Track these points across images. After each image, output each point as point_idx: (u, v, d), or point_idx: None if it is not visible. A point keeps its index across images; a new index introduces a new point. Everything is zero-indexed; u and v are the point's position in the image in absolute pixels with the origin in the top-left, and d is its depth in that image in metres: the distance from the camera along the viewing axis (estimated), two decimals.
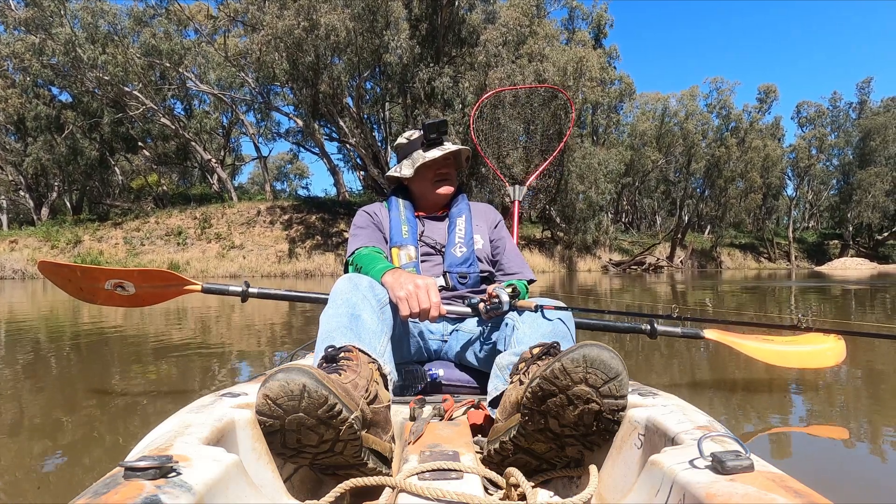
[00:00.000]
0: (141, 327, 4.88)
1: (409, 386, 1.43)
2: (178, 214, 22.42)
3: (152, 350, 3.62)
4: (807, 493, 0.65)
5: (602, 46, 33.08)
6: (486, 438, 1.14)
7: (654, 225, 46.29)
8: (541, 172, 3.68)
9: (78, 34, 20.55)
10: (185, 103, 29.67)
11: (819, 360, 2.38)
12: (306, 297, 2.11)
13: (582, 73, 20.15)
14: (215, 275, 18.60)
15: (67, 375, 2.87)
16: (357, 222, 1.72)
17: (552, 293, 9.48)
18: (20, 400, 2.32)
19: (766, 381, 2.64)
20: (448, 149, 1.68)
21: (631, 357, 3.24)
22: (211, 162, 27.13)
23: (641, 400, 1.06)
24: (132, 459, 0.69)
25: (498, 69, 17.79)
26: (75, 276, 2.30)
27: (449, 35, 20.38)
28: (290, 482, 1.00)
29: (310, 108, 20.45)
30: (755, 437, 1.80)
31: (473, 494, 0.83)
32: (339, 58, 19.16)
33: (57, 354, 3.52)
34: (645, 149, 33.39)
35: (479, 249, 1.69)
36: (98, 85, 22.40)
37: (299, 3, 17.12)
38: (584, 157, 23.62)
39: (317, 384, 0.86)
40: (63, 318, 5.48)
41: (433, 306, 1.26)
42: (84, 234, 20.75)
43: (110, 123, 25.04)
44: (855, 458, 1.64)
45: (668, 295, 9.29)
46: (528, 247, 25.60)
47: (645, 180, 37.37)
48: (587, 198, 24.42)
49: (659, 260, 27.23)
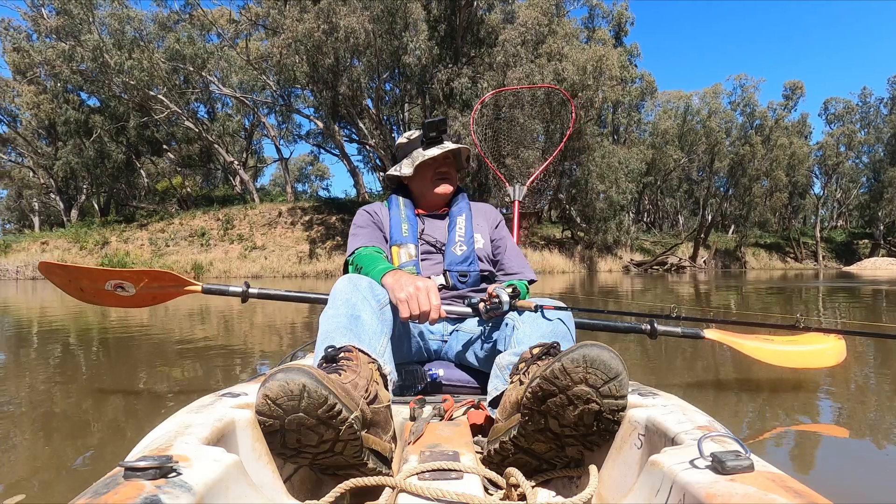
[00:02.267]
0: (166, 325, 4.98)
1: (409, 386, 1.43)
2: (202, 216, 22.82)
3: (177, 349, 3.70)
4: (807, 493, 0.65)
5: (623, 45, 32.76)
6: (486, 438, 1.14)
7: (676, 224, 45.63)
8: (541, 172, 3.70)
9: (105, 40, 21.08)
10: (208, 106, 30.18)
11: (819, 359, 2.38)
12: (306, 297, 2.11)
13: (602, 72, 19.95)
14: (237, 275, 18.89)
15: (95, 373, 2.95)
16: (357, 221, 1.72)
17: (572, 294, 9.42)
18: (51, 395, 2.39)
19: (766, 381, 2.64)
20: (447, 147, 1.68)
21: (631, 357, 3.23)
22: (233, 164, 27.55)
23: (641, 400, 1.06)
24: (132, 459, 0.70)
25: (517, 69, 17.72)
26: (75, 277, 2.30)
27: (467, 35, 20.38)
28: (290, 482, 1.00)
29: (329, 109, 20.65)
30: (755, 437, 1.80)
31: (473, 494, 0.83)
32: (359, 60, 19.31)
33: (85, 352, 3.62)
34: (667, 147, 32.93)
35: (479, 248, 1.69)
36: (124, 89, 22.94)
37: (319, 7, 17.29)
38: (604, 156, 23.40)
39: (317, 384, 0.87)
40: (91, 317, 5.61)
41: (433, 308, 1.25)
42: (111, 236, 21.25)
43: (136, 127, 25.64)
44: (855, 458, 1.64)
45: (690, 295, 9.15)
46: (547, 247, 25.46)
47: (667, 179, 36.86)
48: (608, 197, 24.18)
49: (681, 260, 26.82)
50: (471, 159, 1.83)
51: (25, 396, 2.37)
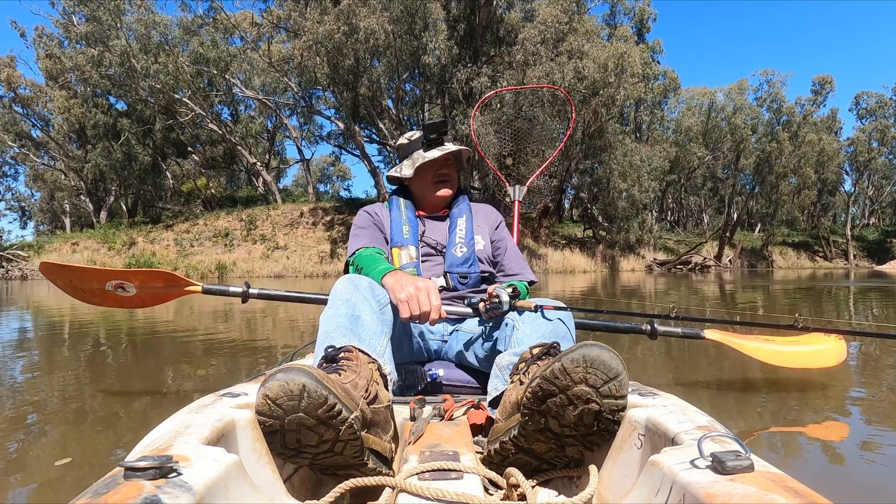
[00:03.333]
0: (191, 324, 5.07)
1: (409, 386, 1.43)
2: (226, 216, 23.19)
3: (202, 347, 3.78)
4: (807, 493, 0.65)
5: (645, 41, 32.33)
6: (486, 438, 1.14)
7: (701, 223, 44.86)
8: (541, 172, 3.69)
9: (132, 45, 21.56)
10: (231, 109, 30.68)
11: (819, 360, 2.38)
12: (306, 297, 2.10)
13: (623, 70, 19.70)
14: (260, 275, 19.14)
15: (124, 370, 3.01)
16: (358, 222, 1.72)
17: (593, 294, 9.32)
18: (81, 392, 2.44)
19: (766, 381, 2.63)
20: (448, 149, 1.68)
21: (631, 357, 3.23)
22: (256, 165, 27.94)
23: (641, 400, 1.06)
24: (132, 459, 0.70)
25: (536, 67, 17.61)
26: (76, 277, 2.30)
27: (487, 34, 20.33)
28: (290, 482, 1.01)
29: (350, 110, 20.79)
30: (755, 437, 1.80)
31: (473, 494, 0.83)
32: (379, 60, 19.41)
33: (114, 350, 3.70)
34: (690, 145, 32.37)
35: (479, 250, 1.70)
36: (151, 93, 23.44)
37: (339, 9, 17.43)
38: (626, 154, 23.11)
39: (316, 384, 0.87)
40: (120, 316, 5.74)
41: (433, 309, 1.26)
42: (138, 236, 21.72)
43: (162, 130, 26.20)
44: (855, 458, 1.63)
45: (715, 295, 8.98)
46: (568, 246, 25.25)
47: (691, 177, 36.24)
48: (630, 196, 23.88)
49: (706, 259, 26.33)
50: (471, 160, 1.81)
51: (59, 393, 2.45)
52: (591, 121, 21.52)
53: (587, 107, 20.38)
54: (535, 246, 24.04)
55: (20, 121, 29.42)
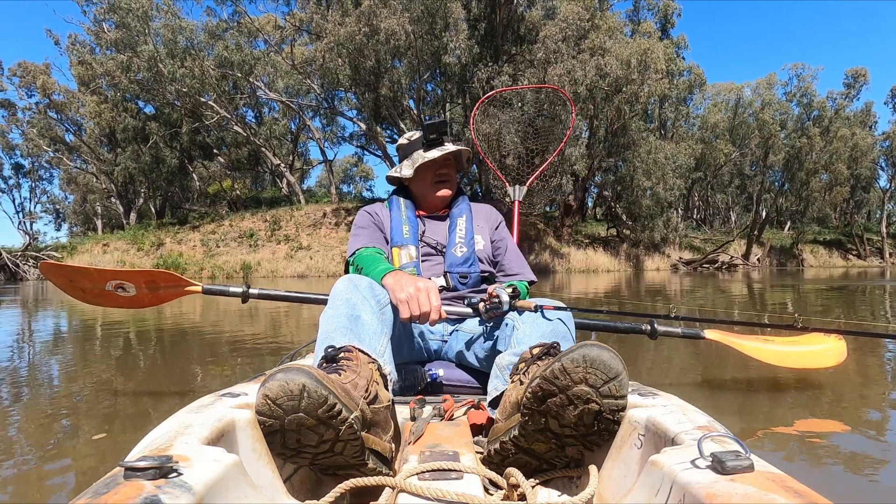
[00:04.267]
0: (217, 323, 5.16)
1: (410, 386, 1.43)
2: (250, 217, 23.55)
3: (228, 346, 3.85)
4: (807, 493, 0.65)
5: (669, 37, 31.76)
6: (486, 438, 1.14)
7: (728, 221, 43.95)
8: (541, 172, 3.68)
9: (160, 50, 22.05)
10: (255, 111, 31.15)
11: (820, 360, 2.38)
12: (306, 297, 2.10)
13: (647, 66, 19.40)
14: (284, 275, 19.39)
15: (152, 368, 3.08)
16: (358, 222, 1.73)
17: (618, 294, 9.20)
18: (112, 389, 2.50)
19: (766, 381, 2.63)
20: (448, 149, 1.68)
21: (631, 357, 3.22)
22: (280, 167, 28.31)
23: (641, 400, 1.06)
24: (132, 459, 0.70)
25: (557, 65, 17.45)
26: (76, 278, 2.30)
27: (508, 33, 20.24)
28: (290, 482, 1.01)
29: (371, 111, 20.92)
30: (755, 437, 1.81)
31: (473, 494, 0.83)
32: (400, 61, 19.48)
33: (144, 348, 3.80)
34: (717, 142, 31.70)
35: (479, 250, 1.70)
36: (177, 97, 23.94)
37: (360, 10, 17.54)
38: (650, 151, 22.76)
39: (316, 384, 0.87)
40: (148, 315, 5.87)
41: (433, 309, 1.26)
42: (166, 237, 22.20)
43: (188, 132, 26.76)
44: (855, 458, 1.63)
45: (743, 295, 8.78)
46: (591, 245, 25.00)
47: (717, 174, 35.49)
48: (654, 194, 23.50)
49: (733, 258, 25.78)
50: (471, 160, 1.84)
51: (91, 389, 2.53)
52: (614, 118, 21.25)
53: (610, 104, 20.12)
54: (558, 245, 23.85)
55: (55, 126, 30.40)
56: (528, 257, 22.45)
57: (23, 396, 2.43)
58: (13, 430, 1.94)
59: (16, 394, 2.48)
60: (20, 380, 2.80)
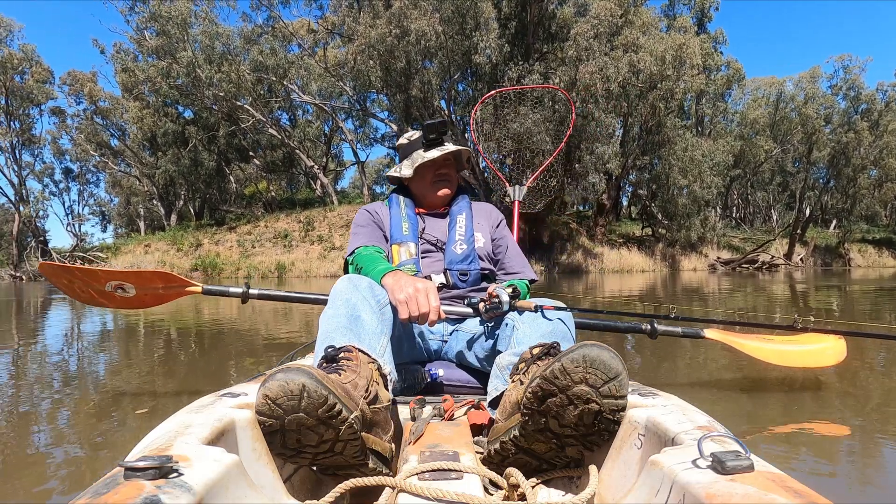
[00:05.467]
0: (253, 323, 5.28)
1: (410, 386, 1.43)
2: (285, 218, 24.01)
3: (263, 344, 3.98)
4: (807, 493, 0.64)
5: (706, 31, 30.93)
6: (486, 438, 1.14)
7: (769, 220, 42.48)
8: (541, 172, 3.64)
9: (198, 56, 22.70)
10: (289, 114, 31.74)
11: (820, 359, 2.39)
12: (306, 297, 2.10)
13: (682, 62, 18.91)
14: (317, 274, 19.69)
15: (191, 366, 3.17)
16: (357, 221, 1.73)
17: (654, 295, 9.00)
18: (153, 385, 2.59)
19: (765, 380, 2.62)
20: (448, 149, 1.68)
21: (631, 357, 3.23)
22: (314, 168, 28.77)
23: (641, 400, 1.06)
24: (132, 459, 0.70)
25: (589, 63, 17.19)
26: (76, 278, 2.30)
27: (539, 31, 20.06)
28: (290, 482, 1.01)
29: (402, 112, 21.04)
30: (755, 437, 1.81)
31: (473, 495, 0.83)
32: (431, 61, 19.52)
33: (184, 346, 3.93)
34: (757, 138, 30.68)
35: (479, 247, 1.69)
36: (215, 101, 24.60)
37: (390, 12, 17.65)
38: (686, 149, 22.20)
39: (316, 384, 0.86)
40: (187, 314, 6.05)
41: (432, 310, 1.25)
42: (204, 238, 22.84)
43: (225, 136, 27.48)
44: (855, 458, 1.63)
45: (785, 296, 8.47)
46: (625, 245, 24.55)
47: (757, 172, 34.30)
48: (691, 192, 22.92)
49: (774, 258, 24.92)
50: (471, 160, 1.83)
51: (135, 384, 2.66)
52: (648, 116, 20.81)
53: (644, 101, 19.70)
54: (591, 245, 23.51)
55: (100, 131, 31.71)
56: (560, 257, 22.23)
57: (84, 376, 2.62)
58: (78, 401, 2.25)
59: (77, 374, 2.74)
60: (72, 368, 2.97)
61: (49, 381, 2.82)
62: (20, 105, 29.40)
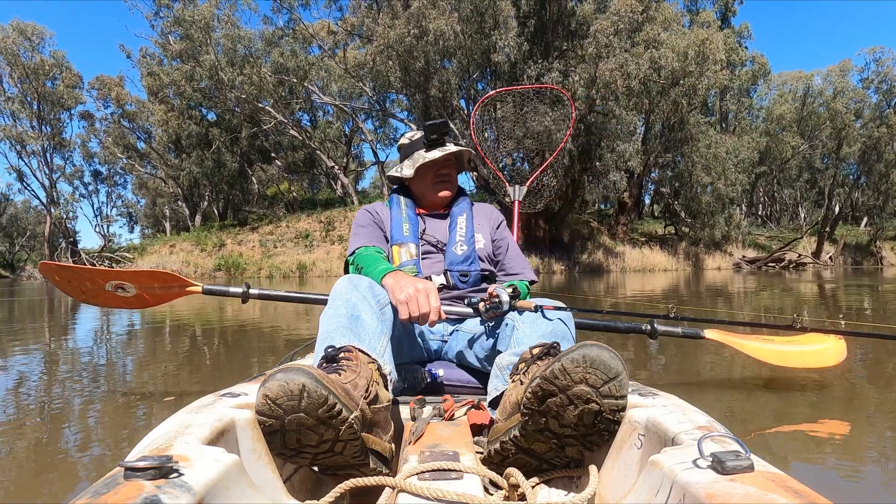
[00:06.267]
0: (276, 321, 5.35)
1: (410, 386, 1.43)
2: (306, 218, 24.27)
3: (285, 341, 4.04)
4: (807, 493, 0.64)
5: (730, 26, 30.36)
6: (486, 438, 1.14)
7: (796, 218, 41.50)
8: (541, 172, 3.60)
9: (220, 59, 23.07)
10: (310, 115, 32.07)
11: (820, 359, 2.39)
12: (306, 297, 2.10)
13: (705, 57, 18.57)
14: (338, 274, 19.74)
15: (216, 363, 3.23)
16: (358, 221, 1.73)
17: (677, 294, 8.87)
18: (178, 382, 2.64)
19: (766, 380, 2.62)
20: (449, 149, 1.67)
21: (631, 357, 3.22)
22: (334, 169, 29.02)
23: (641, 400, 1.06)
24: (132, 459, 0.70)
25: (609, 60, 16.98)
26: (76, 278, 2.29)
27: (558, 29, 19.89)
28: (290, 482, 1.01)
29: (421, 112, 21.06)
30: (755, 437, 1.80)
31: (473, 495, 0.83)
32: (449, 61, 19.51)
33: (209, 344, 4.03)
34: (783, 134, 29.98)
35: (480, 248, 1.69)
36: (237, 103, 24.97)
37: (409, 12, 17.69)
38: (710, 146, 21.81)
39: (316, 384, 0.86)
40: (211, 313, 6.16)
41: (433, 310, 1.25)
42: (227, 238, 23.21)
43: (248, 137, 27.90)
44: (855, 457, 1.63)
45: (813, 295, 8.27)
46: (647, 243, 24.23)
47: (784, 168, 33.53)
48: (715, 190, 22.51)
49: (801, 256, 24.34)
50: (472, 161, 1.83)
51: (161, 381, 2.74)
52: (670, 112, 20.49)
53: (666, 98, 19.40)
54: (612, 244, 23.27)
55: (127, 134, 32.48)
56: (581, 256, 22.03)
57: (113, 372, 2.73)
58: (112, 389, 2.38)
59: (106, 371, 2.96)
60: (101, 364, 3.07)
61: (79, 377, 2.93)
62: (51, 110, 30.30)
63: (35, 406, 2.32)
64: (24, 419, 2.11)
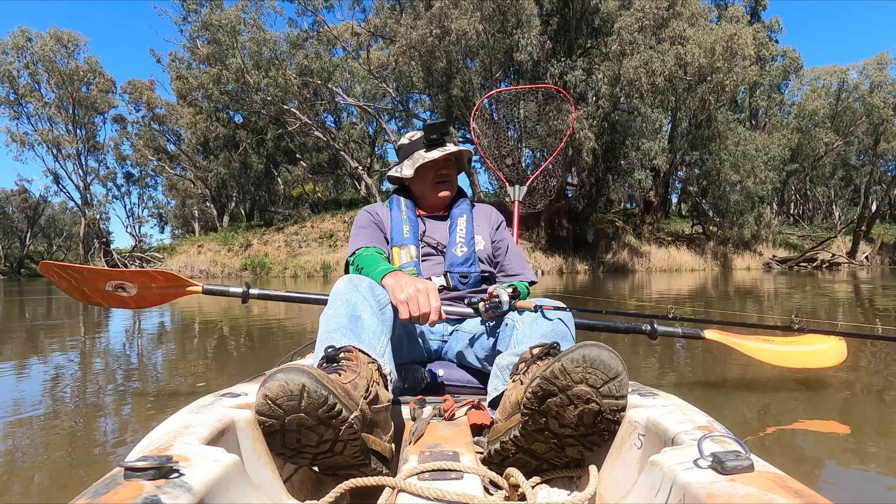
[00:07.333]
0: (300, 319, 5.43)
1: (410, 386, 1.43)
2: (330, 219, 24.54)
3: (310, 338, 4.06)
4: (807, 493, 0.65)
5: (760, 20, 29.61)
6: (486, 438, 1.14)
7: (830, 216, 40.32)
8: (541, 172, 3.57)
9: (246, 62, 23.47)
10: (334, 116, 32.37)
11: (820, 360, 2.39)
12: (306, 297, 2.09)
13: (734, 53, 18.17)
14: None
15: (242, 362, 3.31)
16: (358, 222, 1.73)
17: (705, 294, 8.71)
18: (207, 380, 2.71)
19: (765, 380, 2.63)
20: (449, 149, 1.67)
21: (631, 357, 3.20)
22: (358, 169, 29.26)
23: (641, 400, 1.06)
24: (132, 459, 0.70)
25: (633, 57, 16.75)
26: (76, 278, 2.27)
27: (581, 26, 19.69)
28: (290, 482, 1.01)
29: (444, 112, 21.10)
30: (755, 437, 1.80)
31: (473, 495, 0.83)
32: (472, 60, 19.50)
33: (236, 342, 4.16)
34: (816, 130, 29.15)
35: (480, 250, 1.69)
36: (263, 105, 25.35)
37: (431, 13, 17.73)
38: (738, 143, 21.34)
39: (316, 384, 0.86)
40: (238, 312, 6.28)
41: (433, 310, 1.25)
42: (253, 239, 23.61)
43: (273, 139, 28.34)
44: (855, 457, 1.63)
45: (848, 298, 8.02)
46: (674, 243, 23.83)
47: (817, 166, 32.59)
48: (744, 188, 22.01)
49: (835, 256, 23.62)
50: (471, 160, 1.83)
51: (190, 379, 2.84)
52: (697, 109, 20.11)
53: (693, 95, 19.04)
54: (637, 244, 22.95)
55: (158, 137, 33.33)
56: (605, 256, 21.78)
57: (144, 369, 2.96)
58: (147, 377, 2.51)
59: (137, 367, 3.10)
60: (133, 361, 3.21)
61: (112, 373, 3.04)
62: (85, 114, 31.28)
63: (70, 400, 2.43)
64: (59, 411, 2.22)
